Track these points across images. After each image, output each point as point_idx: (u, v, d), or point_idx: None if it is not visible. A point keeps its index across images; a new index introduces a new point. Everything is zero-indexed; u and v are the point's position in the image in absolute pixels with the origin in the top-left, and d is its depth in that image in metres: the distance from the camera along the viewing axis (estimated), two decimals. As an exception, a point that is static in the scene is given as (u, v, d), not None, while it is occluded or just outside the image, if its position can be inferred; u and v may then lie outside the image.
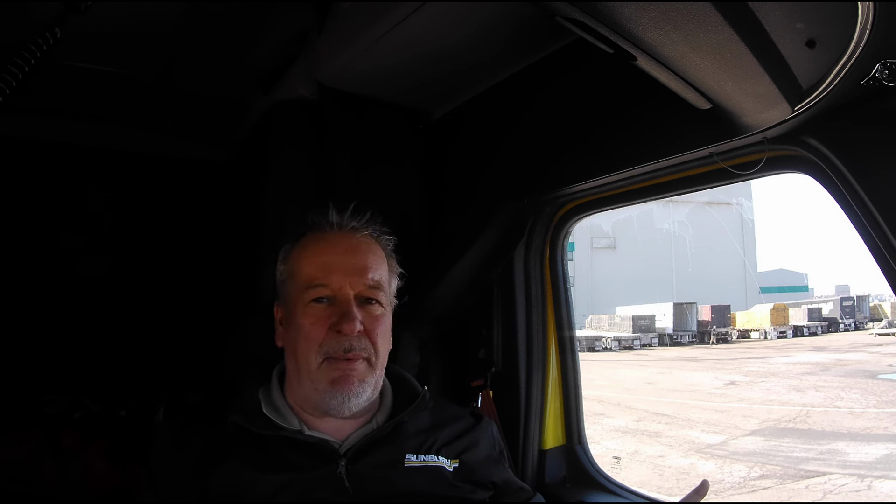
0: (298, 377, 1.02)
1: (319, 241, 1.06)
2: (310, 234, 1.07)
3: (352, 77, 1.49)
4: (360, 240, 1.07)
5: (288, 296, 1.06)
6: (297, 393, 1.04)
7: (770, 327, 18.95)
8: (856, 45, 0.81)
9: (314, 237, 1.07)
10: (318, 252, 1.04)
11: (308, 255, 1.05)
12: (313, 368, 0.99)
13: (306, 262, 1.04)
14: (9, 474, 1.31)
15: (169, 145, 1.98)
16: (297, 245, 1.08)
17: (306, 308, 1.01)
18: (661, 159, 1.19)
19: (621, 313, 20.00)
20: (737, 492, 5.78)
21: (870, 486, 5.56)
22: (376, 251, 1.08)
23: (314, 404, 1.02)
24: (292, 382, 1.05)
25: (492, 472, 1.12)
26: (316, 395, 1.00)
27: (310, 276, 1.02)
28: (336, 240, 1.06)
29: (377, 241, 1.09)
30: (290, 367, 1.05)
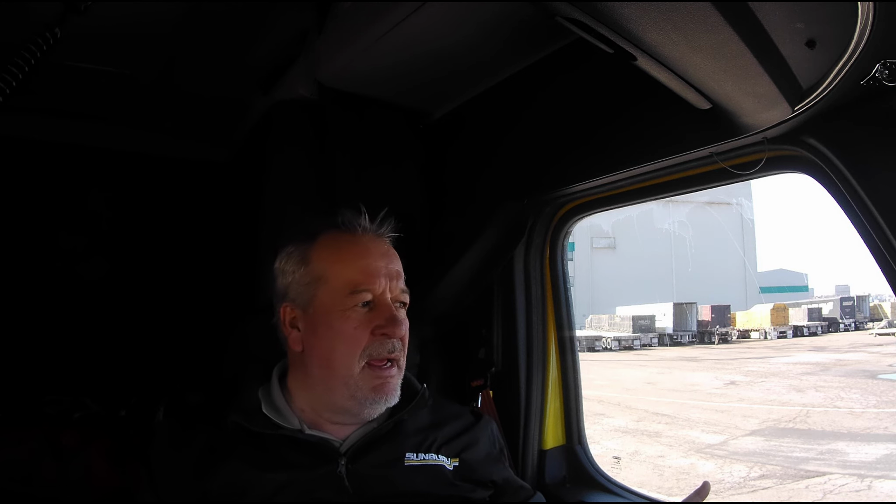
0: (329, 382, 1.01)
1: (353, 244, 1.04)
2: (333, 234, 1.05)
3: (352, 77, 1.49)
4: (388, 244, 1.08)
5: (313, 299, 1.02)
6: (322, 398, 1.02)
7: (770, 327, 18.95)
8: (856, 45, 0.81)
9: (343, 238, 1.05)
10: (357, 255, 1.03)
11: (344, 257, 1.03)
12: (355, 374, 0.99)
13: (344, 266, 1.02)
14: (9, 474, 1.31)
15: (169, 145, 1.98)
16: (317, 246, 1.05)
17: (349, 312, 0.99)
18: (661, 159, 1.19)
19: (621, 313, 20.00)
20: (737, 492, 5.79)
21: (870, 486, 5.57)
22: (397, 256, 1.09)
23: (344, 409, 1.01)
24: (315, 387, 1.03)
25: (492, 470, 1.12)
26: (351, 400, 1.00)
27: (353, 281, 1.00)
28: (371, 243, 1.05)
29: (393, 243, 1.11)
30: (315, 371, 1.02)
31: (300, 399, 1.04)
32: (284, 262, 1.07)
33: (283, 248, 1.09)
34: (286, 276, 1.06)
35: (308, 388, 1.04)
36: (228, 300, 1.75)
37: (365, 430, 1.04)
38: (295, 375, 1.07)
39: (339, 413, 1.02)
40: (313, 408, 1.03)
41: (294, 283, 1.05)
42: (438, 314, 1.55)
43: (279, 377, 1.09)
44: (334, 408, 1.02)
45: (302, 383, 1.05)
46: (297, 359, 1.05)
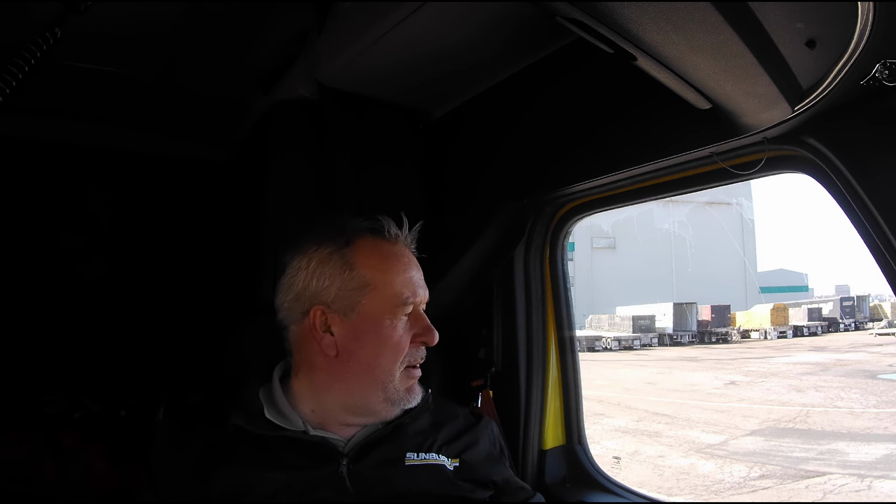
0: (366, 386, 1.02)
1: (398, 255, 1.07)
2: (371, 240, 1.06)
3: (352, 77, 1.49)
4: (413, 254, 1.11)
5: (358, 305, 1.01)
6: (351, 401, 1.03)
7: (770, 327, 18.95)
8: (856, 45, 0.81)
9: (385, 247, 1.06)
10: (403, 267, 1.07)
11: (392, 267, 1.05)
12: (395, 378, 1.03)
13: (393, 276, 1.04)
14: (9, 474, 1.31)
15: (169, 145, 1.98)
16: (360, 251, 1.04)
17: (396, 322, 1.03)
18: (661, 159, 1.19)
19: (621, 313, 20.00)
20: (737, 492, 5.79)
21: (870, 486, 5.57)
22: None
23: (373, 411, 1.04)
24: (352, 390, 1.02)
25: (492, 470, 1.12)
26: (384, 403, 1.03)
27: (402, 293, 1.04)
28: (409, 255, 1.09)
29: None
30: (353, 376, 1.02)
31: (310, 401, 1.04)
32: (317, 264, 1.03)
33: (307, 249, 1.05)
34: (322, 278, 1.02)
35: (329, 392, 1.03)
36: (228, 300, 1.75)
37: (368, 430, 1.05)
38: (310, 378, 1.04)
39: (362, 415, 1.04)
40: (327, 409, 1.03)
41: (334, 286, 1.02)
42: (438, 314, 1.55)
43: (280, 378, 1.09)
44: (362, 410, 1.03)
45: (321, 387, 1.03)
46: (324, 363, 1.03)
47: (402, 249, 1.08)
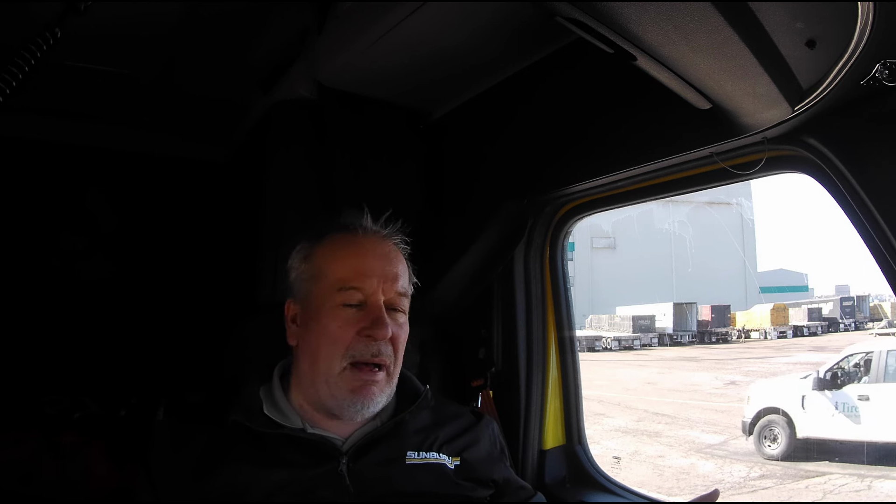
0: (314, 378, 1.01)
1: (352, 244, 1.04)
2: (337, 234, 1.06)
3: (352, 77, 1.49)
4: (389, 245, 1.07)
5: (309, 294, 1.04)
6: (309, 393, 1.03)
7: (770, 327, 18.93)
8: (856, 45, 0.81)
9: (345, 238, 1.05)
10: (352, 255, 1.03)
11: (340, 256, 1.03)
12: (335, 373, 0.99)
13: (338, 264, 1.02)
14: (9, 474, 1.31)
15: (169, 145, 1.98)
16: (322, 244, 1.06)
17: (335, 310, 1.00)
18: (661, 159, 1.19)
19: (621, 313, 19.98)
20: (737, 492, 5.79)
21: (870, 486, 5.56)
22: (403, 261, 1.08)
23: (327, 407, 1.01)
24: (303, 382, 1.04)
25: (492, 470, 1.12)
26: (331, 399, 1.00)
27: (342, 279, 1.01)
28: (370, 244, 1.05)
29: (401, 249, 1.10)
30: (304, 366, 1.03)
31: (297, 396, 1.05)
32: (292, 259, 1.08)
33: (294, 246, 1.10)
34: (291, 272, 1.08)
35: (299, 383, 1.05)
36: (228, 300, 1.75)
37: (367, 429, 1.04)
38: (293, 372, 1.07)
39: (325, 409, 1.02)
40: (306, 402, 1.04)
41: (296, 278, 1.07)
42: (438, 314, 1.55)
43: (280, 376, 1.09)
44: (318, 404, 1.02)
45: (296, 379, 1.06)
46: (293, 354, 1.06)
47: (364, 240, 1.05)
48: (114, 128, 1.88)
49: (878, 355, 6.21)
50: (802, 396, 6.29)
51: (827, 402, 6.15)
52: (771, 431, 6.39)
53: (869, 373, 6.18)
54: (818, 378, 6.28)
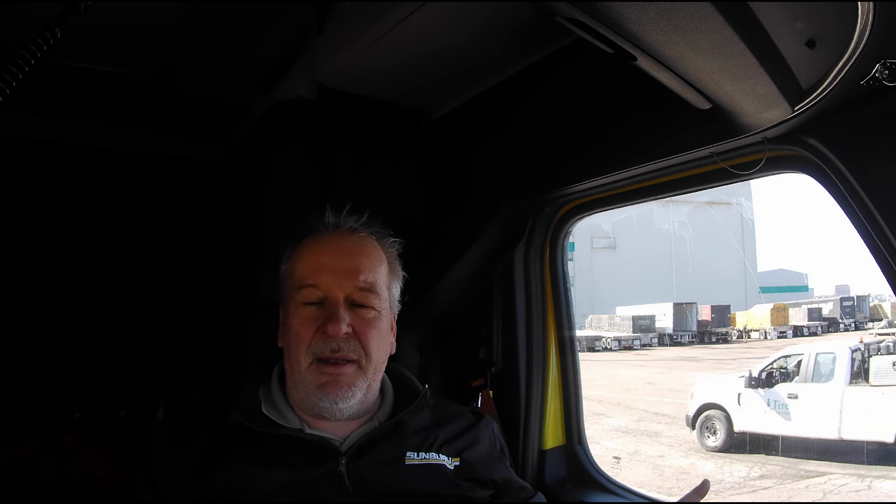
0: (293, 378, 1.03)
1: (315, 243, 1.05)
2: (310, 235, 1.07)
3: (352, 77, 1.49)
4: (355, 241, 1.05)
5: (284, 297, 1.06)
6: (294, 393, 1.04)
7: (770, 327, 18.91)
8: (856, 45, 0.81)
9: (312, 238, 1.06)
10: (312, 253, 1.04)
11: (303, 256, 1.05)
12: (303, 370, 0.99)
13: (300, 264, 1.04)
14: (9, 474, 1.31)
15: (169, 145, 1.98)
16: (298, 246, 1.07)
17: (298, 309, 1.01)
18: (661, 159, 1.19)
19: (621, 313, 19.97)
20: (737, 492, 5.79)
21: (870, 486, 5.56)
22: (372, 253, 1.06)
23: (308, 405, 1.02)
24: (290, 383, 1.05)
25: (492, 470, 1.12)
26: (306, 397, 1.01)
27: (301, 276, 1.02)
28: (331, 241, 1.05)
29: (379, 242, 1.08)
30: (287, 367, 1.05)
31: (289, 395, 1.06)
32: (281, 264, 1.10)
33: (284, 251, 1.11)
34: (280, 277, 1.09)
35: (288, 384, 1.06)
36: (228, 300, 1.75)
37: (365, 429, 1.04)
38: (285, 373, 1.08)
39: (311, 411, 1.02)
40: (296, 403, 1.04)
41: (280, 283, 1.09)
42: (438, 314, 1.55)
43: (279, 377, 1.09)
44: (303, 403, 1.03)
45: (287, 380, 1.06)
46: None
47: (327, 236, 1.05)
48: (114, 128, 1.88)
49: (808, 357, 6.60)
50: (738, 394, 6.74)
51: (760, 399, 6.57)
52: (711, 425, 6.87)
53: (798, 373, 6.58)
54: (749, 377, 6.74)
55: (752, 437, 6.62)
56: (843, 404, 5.98)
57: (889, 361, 6.20)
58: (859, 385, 6.13)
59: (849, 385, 6.16)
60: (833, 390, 6.11)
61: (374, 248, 1.07)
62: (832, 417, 5.95)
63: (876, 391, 5.91)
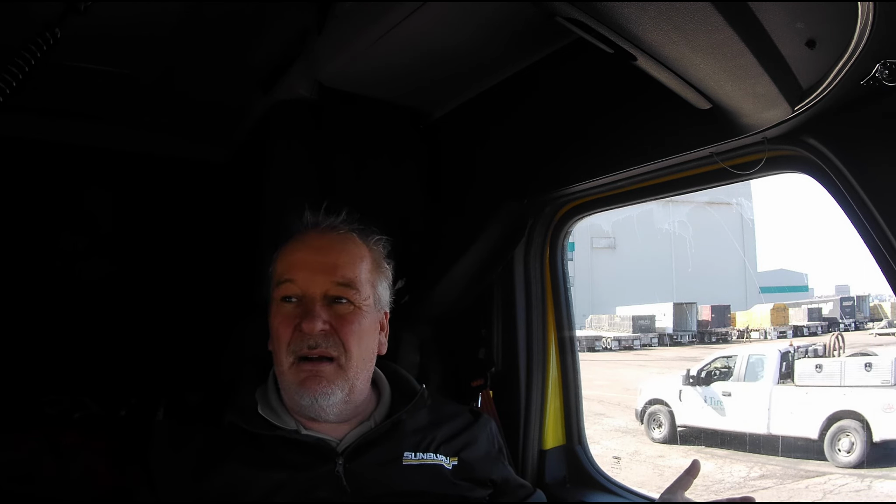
0: (280, 379, 1.03)
1: (296, 241, 1.05)
2: (294, 235, 1.07)
3: (352, 77, 1.49)
4: (334, 238, 1.05)
5: (269, 297, 1.06)
6: (285, 395, 1.04)
7: (770, 327, 18.90)
8: (856, 45, 0.81)
9: (294, 238, 1.06)
10: (291, 251, 1.04)
11: (283, 255, 1.05)
12: (285, 369, 0.99)
13: (280, 263, 1.04)
14: (9, 474, 1.31)
15: (169, 145, 1.98)
16: (281, 247, 1.07)
17: (278, 307, 1.01)
18: (661, 159, 1.19)
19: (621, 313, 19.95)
20: (737, 492, 5.78)
21: (870, 486, 5.57)
22: (353, 249, 1.05)
23: (295, 405, 1.02)
24: (280, 385, 1.05)
25: (491, 469, 1.12)
26: (289, 396, 1.01)
27: (279, 275, 1.02)
28: (310, 239, 1.05)
29: (363, 240, 1.07)
30: (276, 369, 1.04)
31: (285, 398, 1.05)
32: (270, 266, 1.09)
33: None
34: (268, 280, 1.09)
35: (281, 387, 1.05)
36: (228, 301, 1.75)
37: (362, 429, 1.04)
38: None
39: (300, 412, 1.02)
40: (291, 407, 1.04)
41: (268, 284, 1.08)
42: (438, 314, 1.55)
43: (274, 378, 1.09)
44: (293, 407, 1.02)
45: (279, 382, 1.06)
46: None
47: (307, 234, 1.05)
48: (114, 128, 1.88)
49: (741, 358, 7.19)
50: (679, 391, 7.30)
51: (698, 396, 7.12)
52: (657, 419, 7.44)
53: (733, 373, 7.12)
54: (688, 375, 7.32)
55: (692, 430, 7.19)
56: (772, 402, 6.47)
57: (812, 364, 6.70)
58: (786, 385, 6.62)
59: (777, 385, 6.66)
60: (762, 389, 6.60)
61: (353, 244, 1.06)
62: (762, 414, 6.44)
63: (800, 391, 6.41)
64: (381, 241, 1.11)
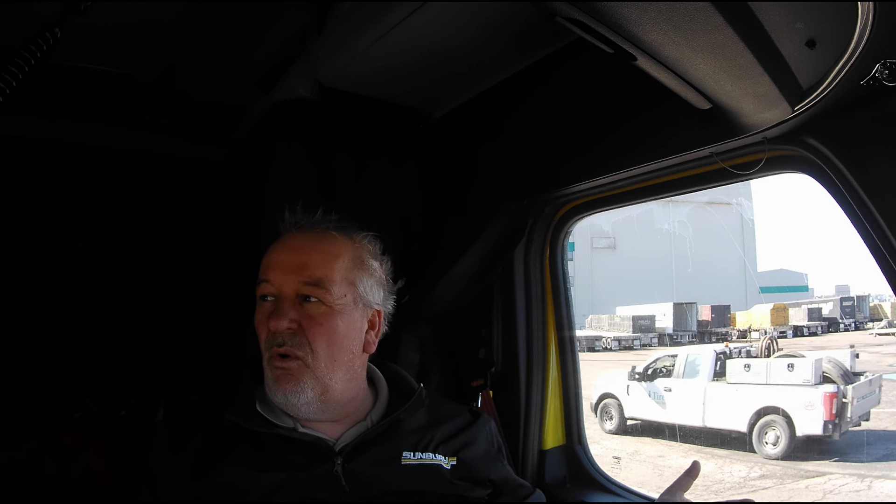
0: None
1: (277, 242, 1.07)
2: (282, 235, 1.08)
3: (352, 77, 1.49)
4: (309, 236, 1.05)
5: None
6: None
7: (770, 327, 18.90)
8: (856, 45, 0.81)
9: (279, 238, 1.08)
10: (270, 252, 1.05)
11: (266, 255, 1.06)
12: (265, 365, 1.01)
13: (263, 263, 1.05)
14: (9, 474, 1.31)
15: (169, 145, 1.98)
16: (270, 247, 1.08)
17: (258, 305, 1.04)
18: (661, 159, 1.19)
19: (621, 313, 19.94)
20: (737, 492, 5.79)
21: (870, 486, 5.56)
22: (326, 247, 1.04)
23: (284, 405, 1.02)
24: None
25: (490, 469, 1.12)
26: (270, 393, 1.02)
27: (260, 275, 1.04)
28: (288, 239, 1.06)
29: (348, 238, 1.06)
30: None
31: None
32: None
33: None
34: None
35: None
36: (228, 301, 1.74)
37: (359, 429, 1.04)
38: None
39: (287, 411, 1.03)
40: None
41: None
42: (438, 314, 1.55)
43: None
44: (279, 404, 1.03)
45: None
46: None
47: (287, 235, 1.06)
48: (114, 128, 1.88)
49: (681, 357, 7.95)
50: (627, 385, 8.02)
51: (643, 391, 7.84)
52: (608, 411, 8.16)
53: (673, 371, 7.74)
54: (633, 372, 8.06)
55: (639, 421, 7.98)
56: (706, 398, 7.20)
57: (741, 364, 7.41)
58: (719, 382, 7.34)
59: (711, 382, 7.41)
60: (698, 386, 7.35)
61: (330, 242, 1.04)
62: (698, 408, 7.15)
63: (731, 388, 7.12)
64: (369, 238, 1.09)
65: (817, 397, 6.40)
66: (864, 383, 6.89)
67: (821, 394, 6.41)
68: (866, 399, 6.77)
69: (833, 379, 6.71)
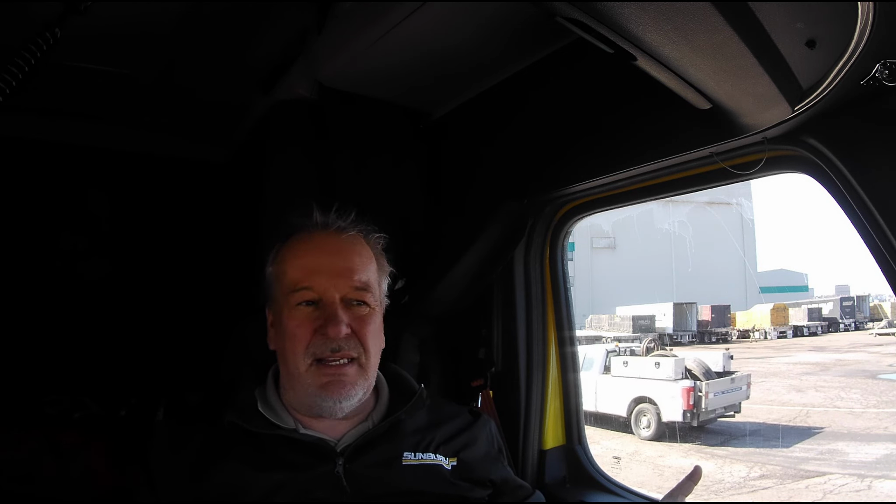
0: (290, 380, 1.02)
1: (304, 243, 1.05)
2: (296, 235, 1.06)
3: (352, 77, 1.49)
4: (345, 240, 1.05)
5: (275, 298, 1.05)
6: (290, 395, 1.04)
7: (770, 327, 18.91)
8: (856, 45, 0.81)
9: (300, 238, 1.06)
10: (303, 254, 1.04)
11: (292, 256, 1.04)
12: (302, 371, 0.99)
13: (291, 265, 1.03)
14: (9, 474, 1.31)
15: (169, 145, 1.98)
16: (284, 246, 1.07)
17: (292, 311, 1.00)
18: (661, 159, 1.19)
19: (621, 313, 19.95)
20: (737, 492, 5.79)
21: (870, 486, 5.57)
22: (363, 251, 1.06)
23: (307, 406, 1.02)
24: (285, 385, 1.05)
25: (490, 469, 1.12)
26: (308, 397, 1.00)
27: (295, 280, 1.01)
28: (321, 241, 1.05)
29: (366, 239, 1.08)
30: (282, 369, 1.05)
31: (283, 396, 1.06)
32: (268, 265, 1.09)
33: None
34: (266, 277, 1.09)
35: (283, 385, 1.06)
36: (228, 301, 1.75)
37: (361, 429, 1.04)
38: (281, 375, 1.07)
39: (306, 408, 1.02)
40: (291, 404, 1.04)
41: (267, 282, 1.08)
42: (438, 314, 1.55)
43: (274, 378, 1.09)
44: (301, 404, 1.03)
45: (281, 381, 1.06)
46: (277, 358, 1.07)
47: (317, 236, 1.05)
48: (114, 128, 1.88)
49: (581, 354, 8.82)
50: None
51: None
52: None
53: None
54: None
55: None
56: (598, 388, 8.65)
57: (621, 361, 9.26)
58: (606, 376, 9.00)
59: (601, 375, 9.01)
60: (591, 377, 8.73)
61: (363, 246, 1.07)
62: (591, 396, 8.46)
63: (615, 380, 8.81)
64: (381, 239, 1.11)
65: (677, 390, 7.89)
66: (725, 380, 8.41)
67: (679, 388, 7.90)
68: (726, 394, 8.26)
69: (697, 376, 8.21)
